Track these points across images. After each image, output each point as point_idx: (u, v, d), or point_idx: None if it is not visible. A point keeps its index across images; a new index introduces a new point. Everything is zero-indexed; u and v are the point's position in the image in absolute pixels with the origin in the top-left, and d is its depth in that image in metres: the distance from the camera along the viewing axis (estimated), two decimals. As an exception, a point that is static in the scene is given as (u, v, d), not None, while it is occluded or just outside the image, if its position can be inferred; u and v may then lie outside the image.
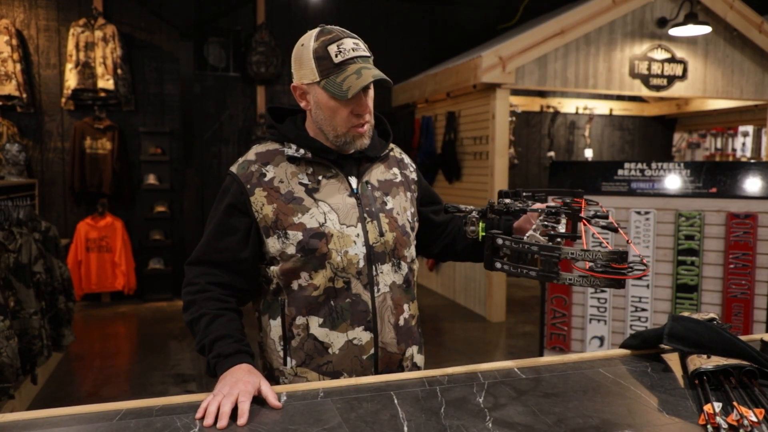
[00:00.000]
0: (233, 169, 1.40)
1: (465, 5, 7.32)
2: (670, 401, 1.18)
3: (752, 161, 5.27)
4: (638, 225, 3.39)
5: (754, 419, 1.01)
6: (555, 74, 5.39)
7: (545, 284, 3.60)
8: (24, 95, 5.64)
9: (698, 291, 3.30)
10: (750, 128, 7.11)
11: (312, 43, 1.30)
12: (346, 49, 1.29)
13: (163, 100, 6.24)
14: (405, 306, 1.44)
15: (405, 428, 1.05)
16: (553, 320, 3.58)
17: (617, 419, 1.10)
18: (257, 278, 1.42)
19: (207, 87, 6.48)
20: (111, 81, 5.72)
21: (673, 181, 3.38)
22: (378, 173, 1.46)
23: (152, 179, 6.09)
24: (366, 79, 1.27)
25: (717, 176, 3.30)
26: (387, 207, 1.43)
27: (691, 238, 3.29)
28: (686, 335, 1.31)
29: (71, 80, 5.67)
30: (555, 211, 1.17)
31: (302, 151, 1.38)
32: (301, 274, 1.35)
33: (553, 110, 7.51)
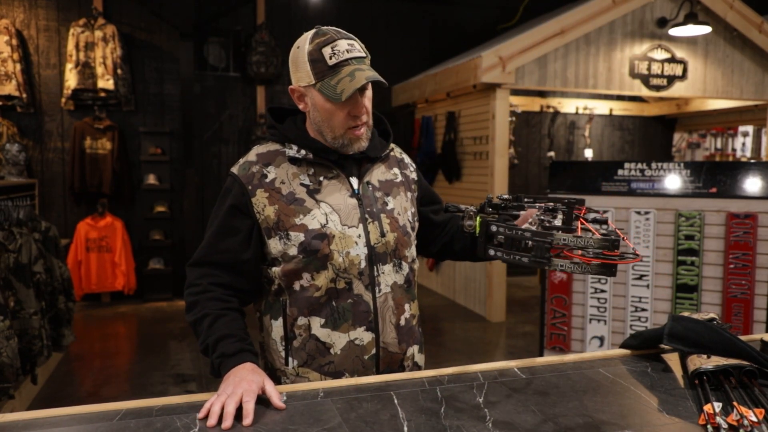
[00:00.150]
0: (234, 170, 1.39)
1: (465, 5, 7.32)
2: (670, 401, 1.18)
3: (752, 161, 5.27)
4: (638, 225, 3.39)
5: (754, 419, 1.01)
6: (555, 74, 5.39)
7: (545, 284, 3.61)
8: (24, 95, 5.64)
9: (698, 291, 3.30)
10: (750, 128, 7.11)
11: (307, 46, 1.30)
12: (341, 51, 1.28)
13: (163, 100, 6.24)
14: (406, 306, 1.44)
15: (405, 428, 1.06)
16: (553, 320, 3.58)
17: (617, 419, 1.10)
18: (259, 279, 1.42)
19: (207, 87, 6.48)
20: (111, 81, 5.72)
21: (673, 181, 3.38)
22: (379, 173, 1.46)
23: (152, 179, 6.09)
24: (359, 82, 1.26)
25: (717, 176, 3.30)
26: (388, 207, 1.43)
27: (691, 238, 3.29)
28: (686, 335, 1.31)
29: (71, 80, 5.67)
30: (552, 208, 1.18)
31: (303, 152, 1.38)
32: (303, 275, 1.35)
33: (553, 110, 7.51)
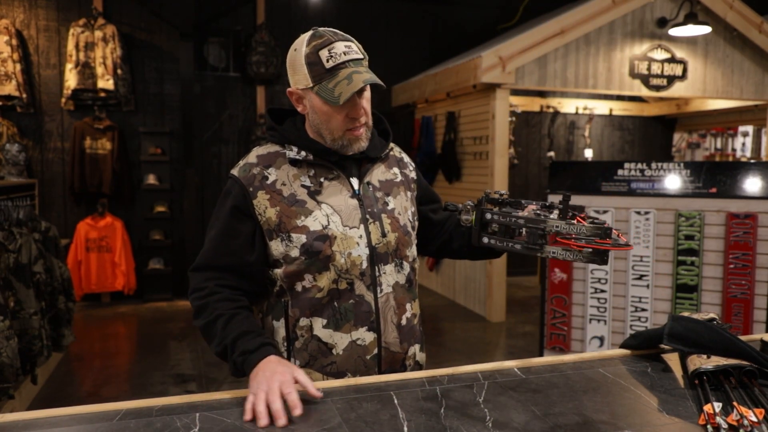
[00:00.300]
0: (234, 172, 1.39)
1: (465, 5, 7.31)
2: (670, 401, 1.18)
3: (752, 161, 5.27)
4: (638, 225, 3.39)
5: (754, 419, 1.01)
6: (555, 74, 5.39)
7: (545, 284, 3.61)
8: (24, 95, 5.64)
9: (698, 291, 3.30)
10: (750, 128, 7.11)
11: (304, 48, 1.30)
12: (338, 53, 1.28)
13: (163, 100, 6.24)
14: (407, 305, 1.44)
15: (405, 428, 1.06)
16: (553, 320, 3.58)
17: (617, 419, 1.10)
18: (263, 281, 1.41)
19: (207, 87, 6.48)
20: (111, 81, 5.72)
21: (673, 181, 3.38)
22: (379, 173, 1.46)
23: (152, 179, 6.08)
24: (356, 85, 1.26)
25: (717, 176, 3.30)
26: (388, 207, 1.43)
27: (691, 238, 3.29)
28: (686, 335, 1.31)
29: (71, 80, 5.67)
30: (549, 205, 1.21)
31: (303, 153, 1.37)
32: (305, 276, 1.35)
33: (553, 110, 7.51)
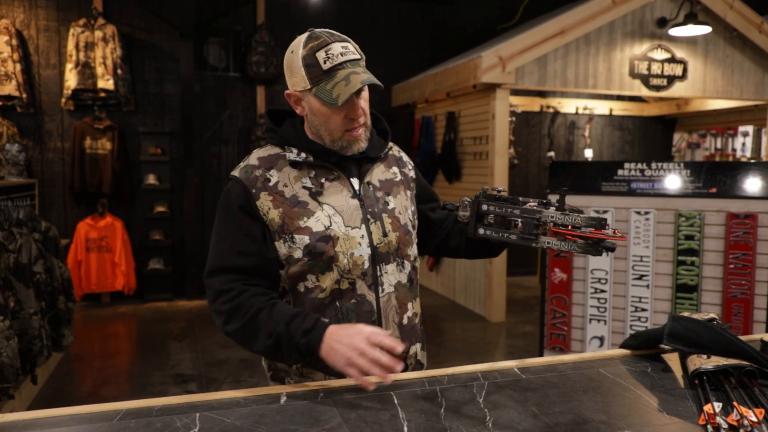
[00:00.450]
0: (236, 174, 1.38)
1: (465, 5, 7.31)
2: (670, 401, 1.18)
3: (752, 161, 5.27)
4: (638, 225, 3.39)
5: (754, 419, 1.01)
6: (555, 74, 5.39)
7: (545, 284, 3.61)
8: (24, 95, 5.64)
9: (698, 291, 3.30)
10: (750, 128, 7.11)
11: (301, 50, 1.30)
12: (335, 55, 1.28)
13: (163, 100, 6.24)
14: (409, 304, 1.45)
15: (405, 428, 1.05)
16: (553, 320, 3.58)
17: (617, 419, 1.10)
18: (279, 280, 1.39)
19: (207, 87, 6.48)
20: (111, 81, 5.72)
21: (673, 181, 3.38)
22: (379, 173, 1.46)
23: (152, 179, 6.09)
24: (354, 86, 1.27)
25: (717, 176, 3.30)
26: (389, 207, 1.43)
27: (691, 238, 3.29)
28: (686, 335, 1.31)
29: (71, 80, 5.67)
30: (547, 202, 1.22)
31: (303, 155, 1.37)
32: (308, 277, 1.35)
33: (553, 110, 7.51)
